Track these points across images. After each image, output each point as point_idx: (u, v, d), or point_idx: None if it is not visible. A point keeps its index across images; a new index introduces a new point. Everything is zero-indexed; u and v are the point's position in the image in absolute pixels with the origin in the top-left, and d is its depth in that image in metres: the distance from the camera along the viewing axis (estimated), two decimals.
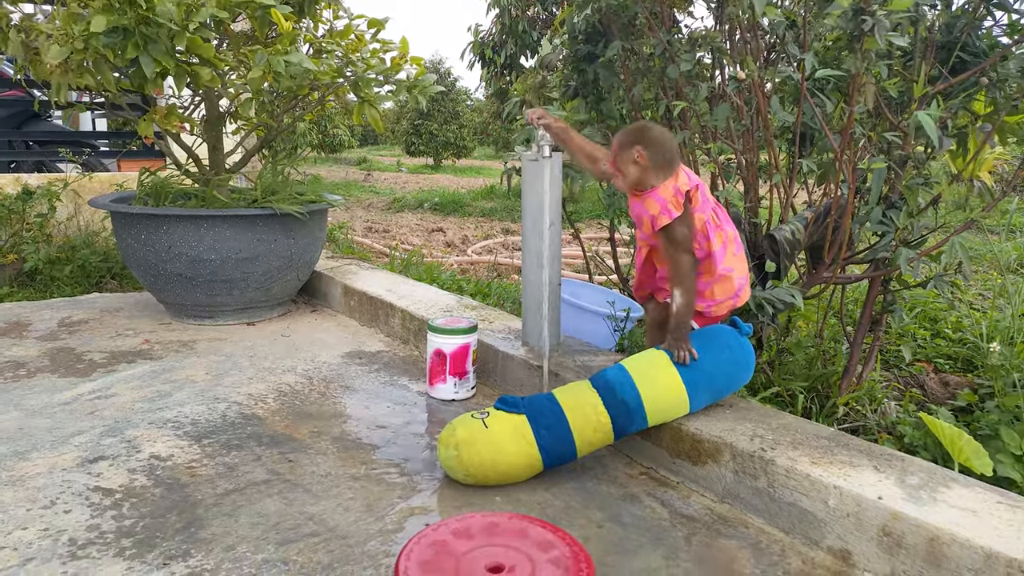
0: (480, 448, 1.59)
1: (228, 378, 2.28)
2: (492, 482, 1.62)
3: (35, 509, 1.49)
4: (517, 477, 1.64)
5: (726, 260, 1.75)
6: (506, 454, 1.60)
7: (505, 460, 1.60)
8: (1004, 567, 1.15)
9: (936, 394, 2.24)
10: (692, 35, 2.12)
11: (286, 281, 2.96)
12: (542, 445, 1.61)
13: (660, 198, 1.70)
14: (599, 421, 1.63)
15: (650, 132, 1.74)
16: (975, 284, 3.63)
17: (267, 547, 1.38)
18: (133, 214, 2.73)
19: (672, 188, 1.71)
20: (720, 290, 1.77)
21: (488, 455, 1.59)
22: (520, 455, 1.61)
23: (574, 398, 1.66)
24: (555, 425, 1.63)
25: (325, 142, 16.47)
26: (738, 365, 1.71)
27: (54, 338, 2.65)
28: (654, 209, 1.71)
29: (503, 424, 1.62)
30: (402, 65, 2.85)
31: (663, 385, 1.64)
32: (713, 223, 1.74)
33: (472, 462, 1.59)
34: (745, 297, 1.80)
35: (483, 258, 5.23)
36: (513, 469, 1.61)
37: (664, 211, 1.69)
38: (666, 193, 1.70)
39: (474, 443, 1.60)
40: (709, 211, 1.75)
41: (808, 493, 1.42)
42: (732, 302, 1.78)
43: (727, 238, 1.76)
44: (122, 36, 2.27)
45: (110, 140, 4.70)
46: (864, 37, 1.71)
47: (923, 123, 1.64)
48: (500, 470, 1.60)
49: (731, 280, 1.76)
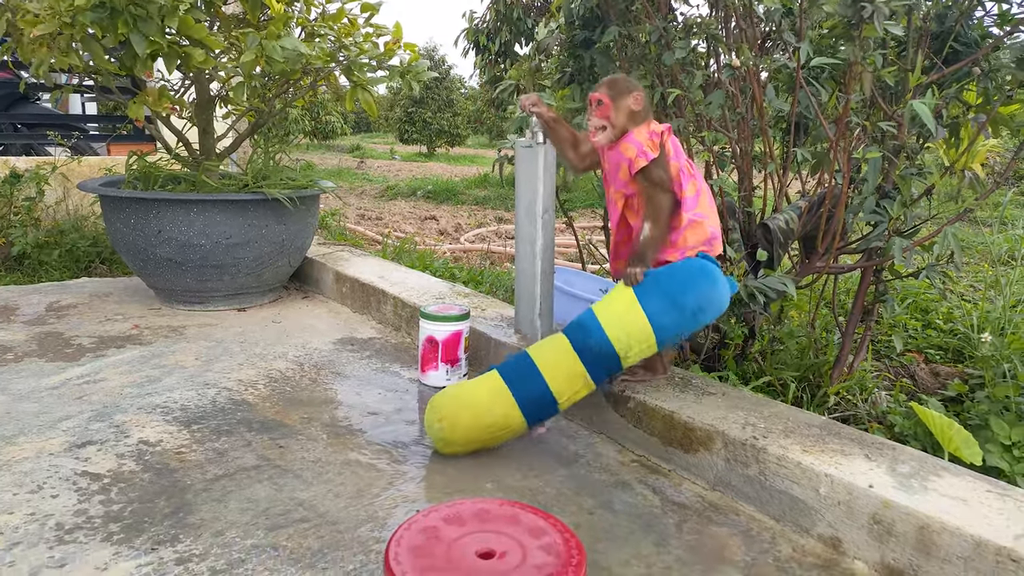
0: (461, 412, 1.66)
1: (218, 364, 2.27)
2: (480, 444, 1.69)
3: (22, 494, 1.47)
4: (502, 432, 1.68)
5: (698, 207, 1.73)
6: (484, 408, 1.66)
7: (488, 415, 1.65)
8: (993, 555, 1.15)
9: (927, 384, 2.25)
10: (688, 22, 2.11)
11: (277, 267, 2.94)
12: (515, 393, 1.66)
13: (636, 141, 1.70)
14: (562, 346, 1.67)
15: (631, 79, 1.78)
16: (966, 276, 3.64)
17: (257, 532, 1.37)
18: (122, 198, 2.70)
19: (646, 132, 1.72)
20: (692, 236, 1.72)
21: (469, 418, 1.66)
22: (497, 405, 1.66)
23: (542, 345, 1.72)
24: (525, 371, 1.67)
25: (318, 129, 16.38)
26: (699, 274, 1.65)
27: (42, 323, 2.63)
28: (631, 152, 1.70)
29: (478, 384, 1.70)
30: (395, 50, 2.82)
31: (620, 305, 1.65)
32: (687, 172, 1.74)
33: (458, 427, 1.66)
34: (719, 248, 1.76)
35: (476, 246, 5.22)
36: (498, 421, 1.66)
37: (640, 153, 1.69)
38: (641, 136, 1.71)
39: (455, 410, 1.67)
40: (683, 160, 1.75)
41: (799, 481, 1.42)
42: (706, 248, 1.74)
43: (699, 188, 1.75)
44: (109, 13, 2.23)
45: (100, 123, 4.65)
46: (863, 24, 1.70)
47: (919, 112, 1.64)
48: (484, 424, 1.66)
49: (702, 226, 1.72)
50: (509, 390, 1.66)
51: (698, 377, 1.89)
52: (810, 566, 1.33)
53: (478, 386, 1.70)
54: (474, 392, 1.69)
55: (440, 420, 1.67)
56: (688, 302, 1.62)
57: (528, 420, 1.68)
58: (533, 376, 1.66)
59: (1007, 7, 1.88)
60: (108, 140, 4.45)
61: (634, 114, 1.72)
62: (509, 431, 1.69)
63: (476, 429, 1.66)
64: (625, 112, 1.72)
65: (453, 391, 1.73)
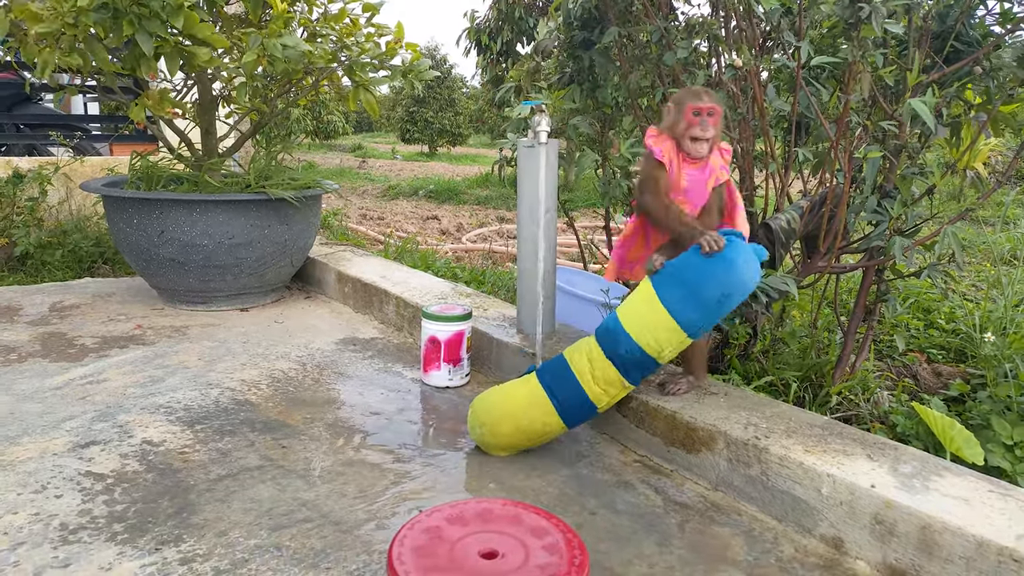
0: (502, 421, 1.69)
1: (221, 364, 2.27)
2: (522, 447, 1.73)
3: (26, 494, 1.48)
4: (542, 437, 1.72)
5: (737, 222, 1.78)
6: (523, 415, 1.68)
7: (527, 421, 1.68)
8: (995, 555, 1.15)
9: (929, 384, 2.25)
10: (689, 22, 2.11)
11: (280, 267, 2.95)
12: (554, 400, 1.67)
13: (722, 149, 1.75)
14: (595, 352, 1.66)
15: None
16: (969, 275, 3.64)
17: (260, 532, 1.37)
18: (125, 198, 2.70)
19: (717, 148, 1.74)
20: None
21: (510, 426, 1.69)
22: (537, 412, 1.68)
23: (578, 348, 1.72)
24: (562, 376, 1.68)
25: (319, 129, 16.38)
26: (713, 262, 1.56)
27: (45, 323, 2.63)
28: (717, 162, 1.72)
29: (517, 389, 1.72)
30: (397, 50, 2.83)
31: (643, 304, 1.62)
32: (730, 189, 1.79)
33: (499, 434, 1.69)
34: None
35: (478, 246, 5.22)
36: (536, 428, 1.68)
37: (723, 167, 1.73)
38: (728, 155, 1.76)
39: (497, 418, 1.70)
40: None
41: (801, 481, 1.43)
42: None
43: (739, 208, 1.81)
44: (112, 14, 2.23)
45: (102, 124, 4.66)
46: (861, 25, 1.70)
47: (918, 110, 1.63)
48: (524, 429, 1.68)
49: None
50: (547, 397, 1.67)
51: None
52: (812, 566, 1.34)
53: (517, 391, 1.72)
54: (514, 399, 1.71)
55: (481, 426, 1.71)
56: (709, 293, 1.54)
57: (568, 424, 1.70)
58: (570, 382, 1.66)
59: (1009, 6, 1.88)
60: (110, 140, 4.46)
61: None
62: (549, 436, 1.72)
63: (516, 435, 1.69)
64: (719, 126, 1.70)
65: (494, 397, 1.74)
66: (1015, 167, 1.89)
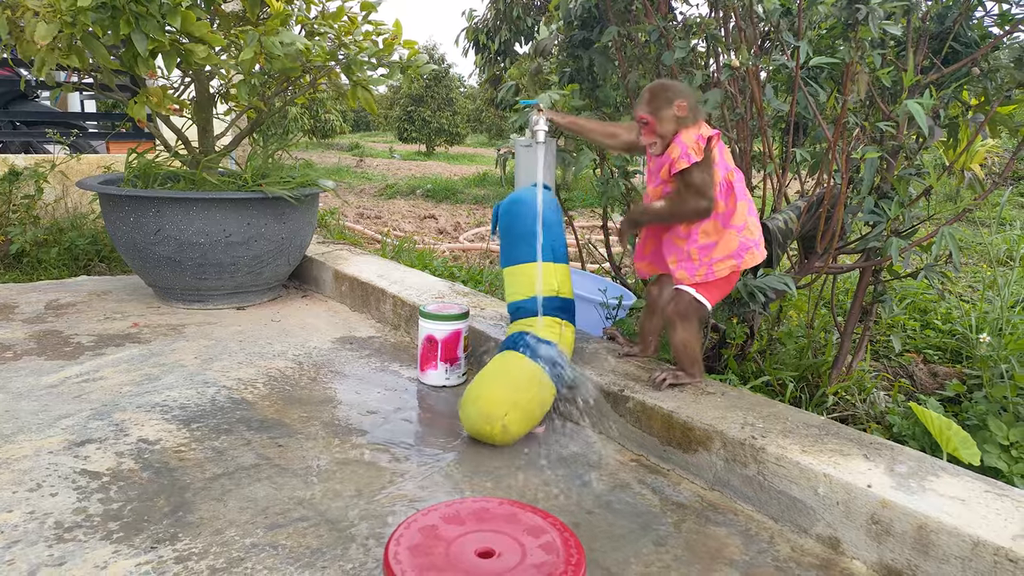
0: (487, 382, 1.80)
1: (217, 362, 2.27)
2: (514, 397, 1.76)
3: (20, 492, 1.47)
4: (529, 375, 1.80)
5: (735, 219, 1.73)
6: (504, 368, 1.80)
7: (516, 368, 1.79)
8: (991, 555, 1.15)
9: (925, 384, 2.25)
10: (687, 21, 2.11)
11: (277, 266, 2.94)
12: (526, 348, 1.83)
13: (682, 143, 1.68)
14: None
15: (678, 84, 1.77)
16: (965, 276, 3.65)
17: (256, 531, 1.37)
18: (121, 196, 2.70)
19: (695, 135, 1.69)
20: (721, 248, 1.74)
21: (499, 380, 1.79)
22: (514, 360, 1.82)
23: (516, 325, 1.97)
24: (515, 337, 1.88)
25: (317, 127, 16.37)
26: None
27: (41, 321, 2.63)
28: (675, 153, 1.69)
29: (520, 372, 1.81)
30: (394, 46, 2.82)
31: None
32: (727, 185, 1.73)
33: (492, 394, 1.76)
34: (750, 261, 1.75)
35: (475, 245, 5.22)
36: (515, 372, 1.79)
37: (684, 155, 1.67)
38: (688, 139, 1.68)
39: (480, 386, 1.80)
40: (724, 173, 1.73)
41: (798, 481, 1.43)
42: (735, 262, 1.73)
43: (734, 207, 1.74)
44: (110, 13, 2.23)
45: (99, 121, 4.64)
46: (858, 25, 1.70)
47: (913, 111, 1.64)
48: (512, 376, 1.79)
49: (734, 238, 1.73)
50: (520, 352, 1.83)
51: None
52: (808, 566, 1.34)
53: (490, 366, 1.84)
54: (491, 368, 1.84)
55: (476, 400, 1.76)
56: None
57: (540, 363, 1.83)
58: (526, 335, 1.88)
59: (1007, 7, 1.88)
60: (107, 138, 4.45)
61: (680, 120, 1.70)
62: (534, 379, 1.80)
63: (507, 388, 1.76)
64: (671, 121, 1.71)
65: (474, 382, 1.82)
66: (1012, 168, 1.89)
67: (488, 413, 1.71)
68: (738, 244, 1.72)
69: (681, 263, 1.76)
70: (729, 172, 1.73)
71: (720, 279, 1.75)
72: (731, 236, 1.72)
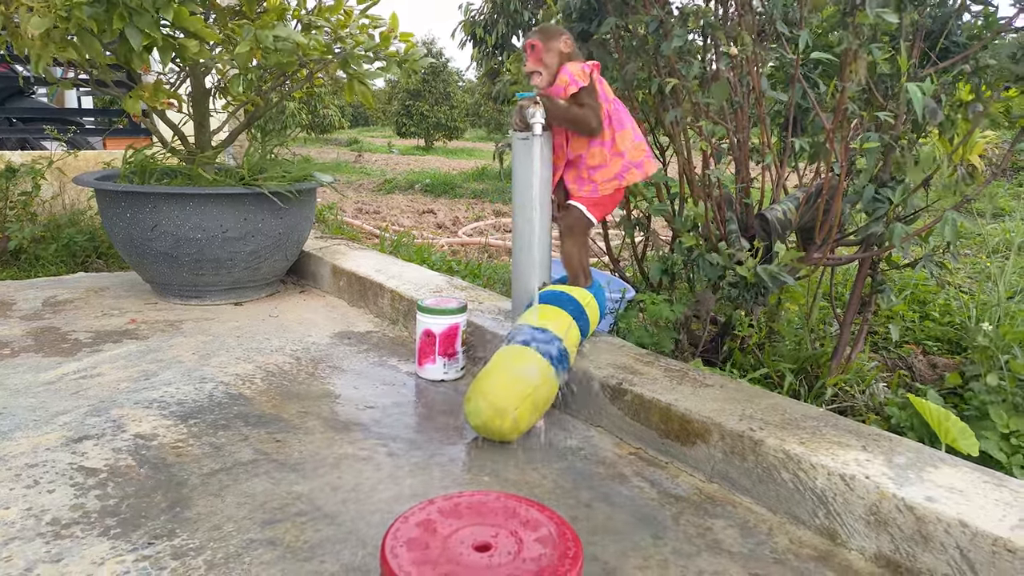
0: (493, 373, 1.77)
1: (215, 358, 2.27)
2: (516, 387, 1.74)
3: (18, 488, 1.47)
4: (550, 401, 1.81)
5: (618, 145, 2.00)
6: (508, 360, 1.79)
7: (517, 367, 1.77)
8: (990, 545, 1.15)
9: (924, 375, 2.25)
10: (684, 10, 2.11)
11: (274, 261, 2.93)
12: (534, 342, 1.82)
13: (568, 72, 1.94)
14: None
15: (559, 27, 2.06)
16: (963, 267, 3.64)
17: (254, 527, 1.37)
18: (118, 192, 2.69)
19: (579, 65, 1.96)
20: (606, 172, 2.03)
21: (529, 407, 1.74)
22: (515, 352, 1.81)
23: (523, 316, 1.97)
24: (520, 328, 1.89)
25: (315, 122, 16.34)
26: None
27: (38, 317, 2.62)
28: (563, 81, 1.94)
29: (527, 368, 1.78)
30: (391, 40, 2.81)
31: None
32: (610, 117, 1.99)
33: (523, 418, 1.73)
34: (630, 179, 2.03)
35: (474, 239, 5.21)
36: (526, 367, 1.77)
37: (572, 81, 1.93)
38: (574, 68, 1.95)
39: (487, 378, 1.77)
40: (607, 107, 1.98)
41: (796, 473, 1.42)
42: (617, 182, 2.02)
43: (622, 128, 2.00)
44: (105, 7, 2.21)
45: (96, 118, 4.63)
46: (856, 11, 1.70)
47: (911, 93, 1.63)
48: (514, 369, 1.77)
49: (618, 162, 2.01)
50: (525, 347, 1.82)
51: (695, 369, 1.89)
52: (807, 557, 1.33)
53: (497, 357, 1.82)
54: (497, 360, 1.81)
55: (516, 409, 1.72)
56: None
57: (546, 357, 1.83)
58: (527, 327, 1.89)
59: (993, 10, 1.88)
60: (104, 134, 4.43)
61: (566, 55, 1.97)
62: (528, 366, 1.80)
63: (509, 380, 1.76)
64: (556, 54, 1.97)
65: (481, 374, 1.80)
66: (1010, 159, 1.88)
67: (501, 406, 1.68)
68: (620, 166, 2.01)
69: (573, 182, 2.11)
70: (608, 103, 1.99)
71: (604, 196, 2.06)
72: (616, 161, 2.01)
